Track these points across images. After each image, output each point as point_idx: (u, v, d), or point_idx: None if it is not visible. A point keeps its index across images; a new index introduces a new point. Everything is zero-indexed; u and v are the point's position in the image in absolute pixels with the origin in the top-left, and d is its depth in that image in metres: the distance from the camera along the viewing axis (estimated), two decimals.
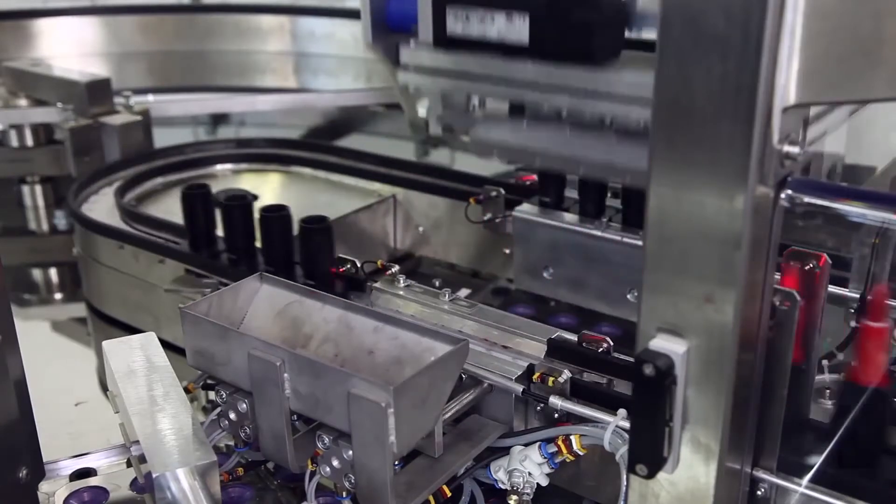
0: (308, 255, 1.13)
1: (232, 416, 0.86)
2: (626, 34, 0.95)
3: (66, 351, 1.44)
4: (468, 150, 0.98)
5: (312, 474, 0.81)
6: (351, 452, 0.76)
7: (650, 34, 0.97)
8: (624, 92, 0.91)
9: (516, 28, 0.94)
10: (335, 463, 0.78)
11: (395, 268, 1.07)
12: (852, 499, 0.70)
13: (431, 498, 0.82)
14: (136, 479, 0.90)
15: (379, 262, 1.09)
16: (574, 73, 0.93)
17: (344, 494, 0.79)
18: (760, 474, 0.69)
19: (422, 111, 1.16)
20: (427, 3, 1.01)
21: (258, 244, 1.21)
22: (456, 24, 0.99)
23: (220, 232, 1.26)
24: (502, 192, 1.28)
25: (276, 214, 1.17)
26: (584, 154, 1.00)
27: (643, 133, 0.92)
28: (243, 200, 1.22)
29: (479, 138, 1.07)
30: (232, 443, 0.89)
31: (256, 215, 1.20)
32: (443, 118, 1.09)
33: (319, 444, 0.79)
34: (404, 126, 1.98)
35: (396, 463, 0.81)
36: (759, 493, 0.70)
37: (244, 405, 0.84)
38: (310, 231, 1.12)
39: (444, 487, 0.83)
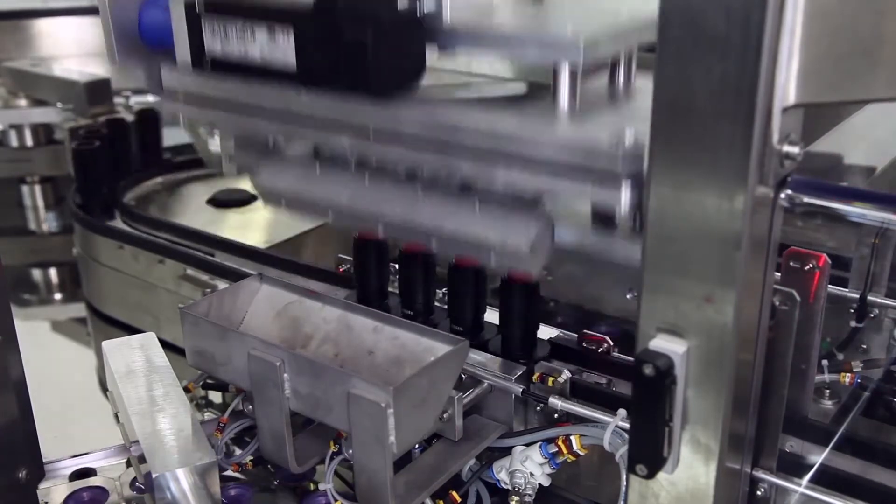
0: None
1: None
2: (435, 56, 0.75)
3: (66, 351, 1.44)
4: None
5: (333, 455, 0.81)
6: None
7: (464, 55, 0.81)
8: (417, 133, 0.74)
9: (280, 47, 0.76)
10: None
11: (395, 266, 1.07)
12: (852, 499, 0.70)
13: (441, 502, 0.82)
14: (136, 479, 0.90)
15: None
16: (352, 107, 0.76)
17: None
18: (760, 474, 0.69)
19: (213, 146, 1.01)
20: (179, 12, 0.82)
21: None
22: (214, 41, 0.80)
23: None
24: None
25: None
26: (383, 210, 0.82)
27: (455, 187, 0.78)
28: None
29: (264, 185, 0.90)
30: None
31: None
32: (236, 158, 0.91)
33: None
34: None
35: (417, 447, 0.82)
36: (759, 493, 0.70)
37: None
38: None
39: (455, 494, 0.83)
